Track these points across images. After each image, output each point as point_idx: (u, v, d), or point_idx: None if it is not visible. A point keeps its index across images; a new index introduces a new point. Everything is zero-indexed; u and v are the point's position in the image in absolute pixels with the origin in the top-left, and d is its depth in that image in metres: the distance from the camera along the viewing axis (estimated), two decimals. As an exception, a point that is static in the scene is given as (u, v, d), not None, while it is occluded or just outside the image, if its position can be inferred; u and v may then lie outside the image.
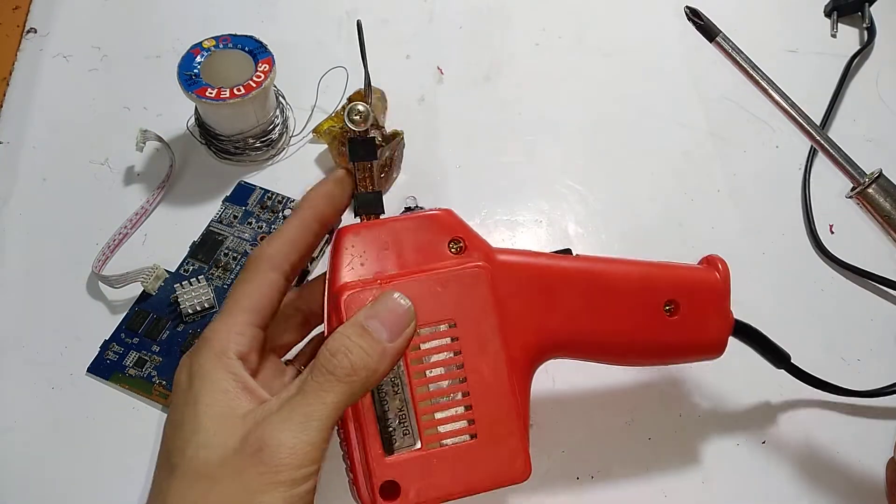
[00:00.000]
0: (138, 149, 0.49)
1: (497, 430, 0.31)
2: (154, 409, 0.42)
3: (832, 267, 0.49)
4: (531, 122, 0.55)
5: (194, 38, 0.49)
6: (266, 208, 0.49)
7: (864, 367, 0.45)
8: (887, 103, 0.57)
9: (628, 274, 0.36)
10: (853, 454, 0.42)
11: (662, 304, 0.36)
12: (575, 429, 0.42)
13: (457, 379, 0.31)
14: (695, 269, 0.38)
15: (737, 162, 0.54)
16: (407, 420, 0.30)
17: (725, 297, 0.37)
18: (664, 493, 0.40)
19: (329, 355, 0.28)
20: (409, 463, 0.30)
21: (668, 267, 0.37)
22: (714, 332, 0.37)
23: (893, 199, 0.33)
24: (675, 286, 0.36)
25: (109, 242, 0.47)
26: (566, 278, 0.35)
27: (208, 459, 0.26)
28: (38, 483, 0.40)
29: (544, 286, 0.34)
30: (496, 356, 0.32)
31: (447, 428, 0.31)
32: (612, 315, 0.35)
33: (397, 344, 0.29)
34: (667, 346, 0.36)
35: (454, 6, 0.62)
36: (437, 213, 0.33)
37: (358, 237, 0.32)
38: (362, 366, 0.28)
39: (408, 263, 0.32)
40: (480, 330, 0.32)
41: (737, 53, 0.35)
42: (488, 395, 0.31)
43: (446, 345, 0.31)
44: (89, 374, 0.43)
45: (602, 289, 0.35)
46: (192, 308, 0.44)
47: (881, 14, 0.61)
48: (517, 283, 0.34)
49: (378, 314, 0.29)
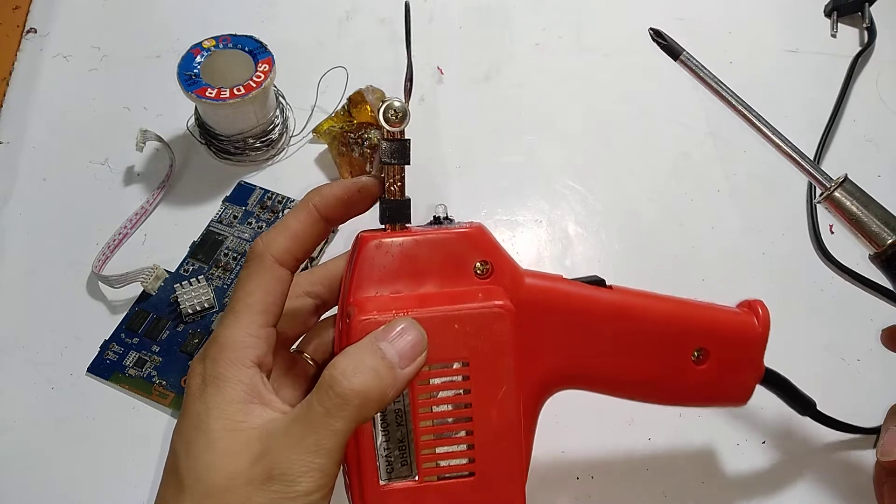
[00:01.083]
0: (138, 149, 0.49)
1: (496, 471, 0.30)
2: (154, 410, 0.42)
3: (832, 267, 0.49)
4: (531, 122, 0.55)
5: (194, 38, 0.49)
6: (266, 208, 0.49)
7: (863, 367, 0.45)
8: (887, 103, 0.57)
9: (660, 314, 0.34)
10: (853, 454, 0.42)
11: (692, 351, 0.34)
12: (575, 429, 0.42)
13: (463, 417, 0.30)
14: (731, 315, 0.35)
15: (737, 162, 0.54)
16: (407, 451, 0.29)
17: (760, 349, 0.35)
18: (664, 493, 0.40)
19: (339, 376, 0.26)
20: (403, 493, 0.29)
21: (703, 309, 0.35)
22: (742, 382, 0.35)
23: (859, 201, 0.34)
24: (709, 333, 0.34)
25: (109, 242, 0.47)
26: (595, 313, 0.33)
27: (217, 482, 0.26)
28: (38, 483, 0.40)
29: (571, 319, 0.32)
30: (506, 399, 0.30)
31: (446, 463, 0.30)
32: (638, 356, 0.33)
33: (408, 371, 0.28)
34: (689, 391, 0.35)
35: (454, 6, 0.62)
36: (468, 231, 0.31)
37: (381, 248, 0.30)
38: (372, 390, 0.27)
39: (430, 282, 0.30)
40: (494, 372, 0.30)
41: (700, 70, 0.36)
42: (492, 437, 0.30)
43: (457, 382, 0.30)
44: (89, 374, 0.43)
45: (631, 328, 0.33)
46: (192, 308, 0.44)
47: (881, 14, 0.61)
48: (542, 314, 0.32)
49: (391, 339, 0.28)
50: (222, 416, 0.26)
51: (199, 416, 0.27)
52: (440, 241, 0.30)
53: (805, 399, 0.38)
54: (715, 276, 0.49)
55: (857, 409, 0.44)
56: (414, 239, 0.30)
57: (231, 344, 0.28)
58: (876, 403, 0.44)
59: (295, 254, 0.30)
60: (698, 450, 0.42)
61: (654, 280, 0.48)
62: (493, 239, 0.31)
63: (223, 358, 0.27)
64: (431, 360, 0.29)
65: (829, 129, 0.55)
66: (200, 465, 0.26)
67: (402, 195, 0.30)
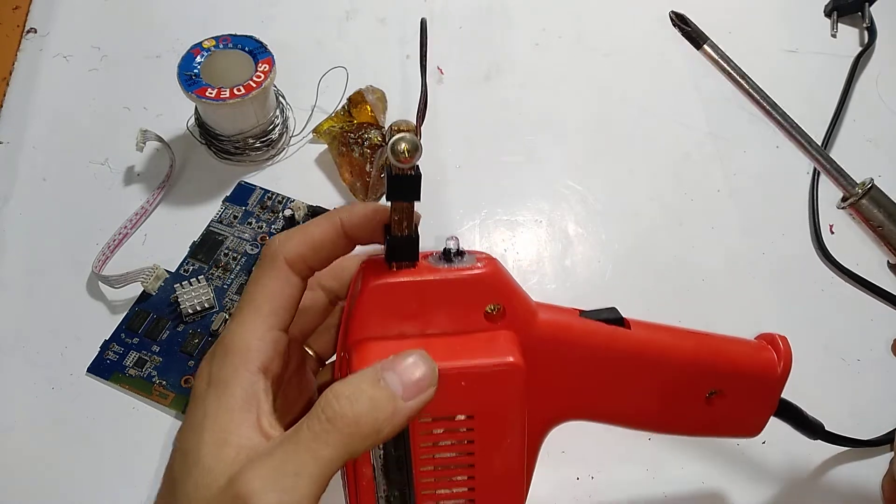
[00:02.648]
0: (138, 149, 0.49)
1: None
2: (154, 410, 0.42)
3: (832, 268, 0.49)
4: (531, 122, 0.55)
5: (194, 38, 0.49)
6: (266, 208, 0.49)
7: (863, 368, 0.45)
8: (887, 103, 0.57)
9: (678, 357, 0.32)
10: (855, 455, 0.42)
11: (706, 392, 0.33)
12: (575, 429, 0.42)
13: (464, 465, 0.29)
14: (752, 354, 0.33)
15: (737, 162, 0.54)
16: (408, 497, 0.29)
17: (779, 388, 0.33)
18: (664, 493, 0.40)
19: (332, 401, 0.24)
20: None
21: (723, 346, 0.33)
22: (754, 417, 0.34)
23: (885, 209, 0.33)
24: (726, 376, 0.33)
25: (109, 242, 0.47)
26: (609, 355, 0.31)
27: (197, 498, 0.24)
28: (38, 483, 0.40)
29: (584, 359, 0.31)
30: (510, 450, 0.29)
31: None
32: (651, 397, 0.33)
33: (411, 405, 0.25)
34: (699, 428, 0.35)
35: (454, 6, 0.62)
36: (480, 274, 0.28)
37: (385, 289, 0.28)
38: (367, 420, 0.24)
39: (437, 324, 0.28)
40: (500, 426, 0.29)
41: (726, 62, 0.34)
42: (494, 485, 0.30)
43: (460, 433, 0.29)
44: (89, 374, 0.43)
45: (646, 371, 0.32)
46: (192, 308, 0.44)
47: (881, 14, 0.61)
48: (555, 351, 0.30)
49: (397, 368, 0.25)
50: (215, 426, 0.25)
51: (196, 423, 0.26)
52: (451, 284, 0.28)
53: (813, 424, 0.37)
54: (715, 277, 0.49)
55: (856, 410, 0.44)
56: (421, 283, 0.28)
57: (235, 347, 0.27)
58: (876, 403, 0.44)
59: (309, 261, 0.28)
60: (698, 450, 0.42)
61: (654, 280, 0.48)
62: (507, 277, 0.29)
63: (227, 361, 0.26)
64: (435, 413, 0.28)
65: (832, 130, 0.55)
66: (189, 482, 0.25)
67: (411, 232, 0.28)
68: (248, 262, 0.47)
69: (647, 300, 0.47)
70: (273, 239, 0.28)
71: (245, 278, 0.46)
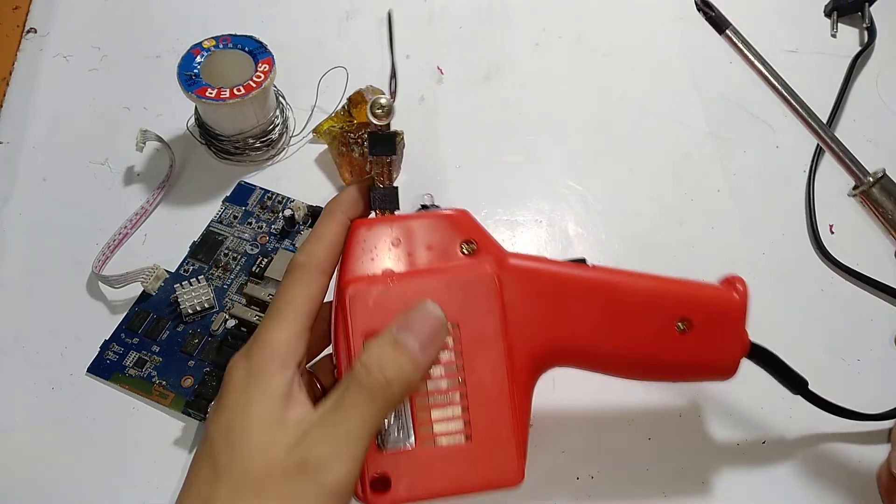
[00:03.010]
0: (138, 149, 0.49)
1: (492, 433, 0.31)
2: (154, 410, 0.42)
3: (832, 268, 0.49)
4: (531, 122, 0.55)
5: (194, 38, 0.49)
6: (266, 208, 0.49)
7: (864, 367, 0.45)
8: (887, 103, 0.57)
9: (642, 287, 0.36)
10: (853, 453, 0.42)
11: (675, 320, 0.35)
12: (575, 429, 0.42)
13: (455, 380, 0.31)
14: (711, 288, 0.37)
15: (737, 162, 0.54)
16: (403, 417, 0.31)
17: (741, 319, 0.36)
18: (664, 493, 0.40)
19: (364, 371, 0.28)
20: (401, 458, 0.30)
21: (684, 283, 0.36)
22: (727, 353, 0.36)
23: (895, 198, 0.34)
24: (690, 303, 0.35)
25: (109, 242, 0.47)
26: (578, 287, 0.34)
27: (254, 471, 0.27)
28: (38, 483, 0.40)
29: (555, 294, 0.34)
30: (497, 362, 0.32)
31: (442, 428, 0.31)
32: (623, 327, 0.35)
33: (430, 354, 0.29)
34: (676, 363, 0.36)
35: (454, 6, 0.62)
36: (452, 214, 0.33)
37: (370, 231, 0.32)
38: (398, 381, 0.28)
39: (418, 261, 0.32)
40: (484, 335, 0.32)
41: (746, 47, 0.35)
42: (486, 399, 0.31)
43: (448, 346, 0.31)
44: (89, 374, 0.43)
45: (614, 300, 0.35)
46: (192, 308, 0.44)
47: (881, 14, 0.61)
48: (527, 289, 0.33)
49: (410, 325, 0.29)
50: (264, 410, 0.28)
51: (240, 407, 0.28)
52: (426, 224, 0.33)
53: (796, 377, 0.39)
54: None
55: (856, 410, 0.44)
56: (401, 223, 0.32)
57: (276, 344, 0.29)
58: (876, 403, 0.44)
59: (332, 260, 0.31)
60: (698, 450, 0.42)
61: (654, 280, 0.48)
62: (477, 222, 0.33)
63: (267, 357, 0.29)
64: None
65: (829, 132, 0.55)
66: (238, 455, 0.27)
67: (391, 183, 0.33)
68: (248, 262, 0.47)
69: (647, 300, 0.47)
70: (298, 253, 0.31)
71: (245, 278, 0.46)
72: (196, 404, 0.41)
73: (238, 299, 0.45)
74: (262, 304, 0.44)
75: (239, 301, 0.45)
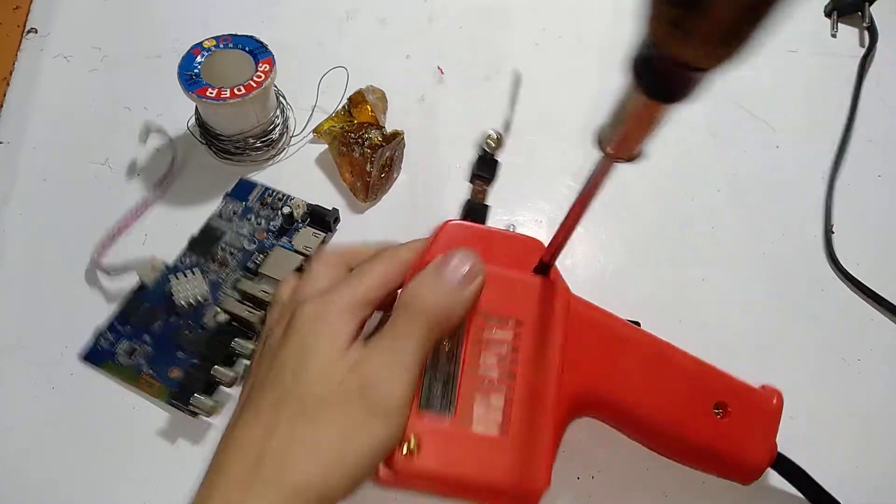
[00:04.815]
0: (141, 140, 0.49)
1: (528, 436, 0.31)
2: (155, 409, 0.42)
3: (832, 268, 0.49)
4: (531, 122, 0.55)
5: (194, 38, 0.49)
6: (266, 205, 0.49)
7: (864, 367, 0.45)
8: (887, 103, 0.57)
9: (690, 362, 0.37)
10: (854, 454, 0.42)
11: (713, 402, 0.36)
12: (575, 429, 0.42)
13: (506, 373, 0.32)
14: (751, 387, 0.38)
15: (737, 162, 0.54)
16: (450, 388, 0.32)
17: (774, 423, 0.37)
18: (664, 493, 0.40)
19: (411, 298, 0.31)
20: (435, 424, 0.31)
21: (727, 374, 0.37)
22: (754, 452, 0.37)
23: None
24: (731, 390, 0.37)
25: (110, 232, 0.47)
26: (630, 342, 0.36)
27: (319, 393, 0.29)
28: (38, 483, 0.40)
29: (609, 342, 0.35)
30: (548, 370, 0.33)
31: (481, 413, 0.32)
32: (664, 394, 0.36)
33: (471, 290, 0.32)
34: (704, 446, 0.36)
35: (454, 6, 0.62)
36: (531, 238, 0.36)
37: (459, 227, 0.35)
38: (442, 307, 0.31)
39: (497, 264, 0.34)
40: (543, 340, 0.33)
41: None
42: (529, 402, 0.32)
43: (508, 339, 0.33)
44: (81, 360, 0.43)
45: (661, 367, 0.36)
46: (185, 301, 0.44)
47: (881, 14, 0.61)
48: (584, 329, 0.35)
49: (450, 264, 0.32)
50: (329, 345, 0.30)
51: (308, 341, 0.31)
52: (508, 239, 0.35)
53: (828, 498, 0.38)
54: (715, 277, 0.49)
55: (856, 410, 0.44)
56: (488, 231, 0.35)
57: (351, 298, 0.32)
58: (876, 404, 0.44)
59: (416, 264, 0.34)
60: (698, 450, 0.42)
61: (654, 280, 0.48)
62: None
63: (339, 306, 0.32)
64: (490, 312, 0.33)
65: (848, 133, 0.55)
66: (304, 381, 0.30)
67: (483, 200, 0.39)
68: (245, 258, 0.47)
69: (647, 300, 0.47)
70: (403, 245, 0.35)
71: (241, 274, 0.46)
72: (180, 396, 0.41)
73: (232, 294, 0.45)
74: (255, 299, 0.44)
75: (232, 296, 0.45)
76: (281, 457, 0.28)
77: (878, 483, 0.41)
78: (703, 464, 0.38)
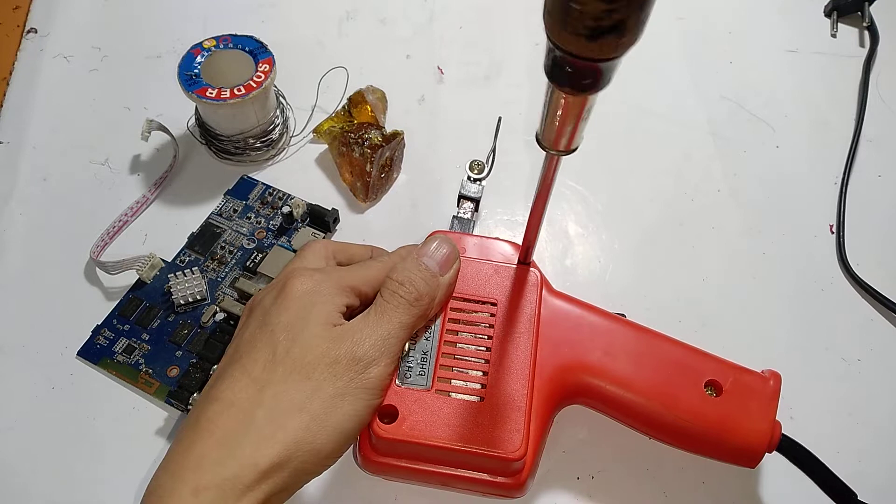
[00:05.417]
0: (143, 138, 0.49)
1: (504, 404, 0.34)
2: (154, 408, 0.42)
3: (832, 268, 0.49)
4: (531, 122, 0.55)
5: (194, 38, 0.49)
6: (266, 204, 0.49)
7: (864, 367, 0.45)
8: (887, 103, 0.57)
9: (676, 345, 0.37)
10: (854, 454, 0.42)
11: (704, 381, 0.36)
12: (575, 429, 0.42)
13: (482, 348, 0.36)
14: (745, 368, 0.38)
15: (737, 162, 0.54)
16: (427, 364, 0.35)
17: (771, 402, 0.36)
18: (664, 492, 0.40)
19: (398, 284, 0.35)
20: (413, 397, 0.34)
21: (718, 357, 0.38)
22: (753, 433, 0.35)
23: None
24: (721, 369, 0.37)
25: (109, 229, 0.47)
26: (614, 326, 0.37)
27: (309, 357, 0.32)
28: (39, 483, 0.40)
29: (590, 325, 0.37)
30: (524, 346, 0.36)
31: (460, 384, 0.35)
32: (652, 375, 0.36)
33: (448, 276, 0.37)
34: (700, 426, 0.36)
35: (454, 6, 0.62)
36: (512, 241, 0.40)
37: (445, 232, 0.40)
38: (425, 292, 0.35)
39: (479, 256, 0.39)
40: (517, 319, 0.37)
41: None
42: (505, 374, 0.35)
43: (484, 317, 0.37)
44: (79, 357, 0.43)
45: (647, 350, 0.37)
46: (183, 299, 0.44)
47: (881, 14, 0.61)
48: (560, 311, 0.38)
49: (428, 252, 0.37)
50: (323, 314, 0.33)
51: (304, 309, 0.33)
52: (490, 242, 0.40)
53: (841, 487, 0.36)
54: (715, 277, 0.49)
55: (856, 410, 0.44)
56: (473, 237, 0.40)
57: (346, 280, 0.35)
58: (876, 404, 0.44)
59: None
60: (698, 450, 0.42)
61: (654, 280, 0.48)
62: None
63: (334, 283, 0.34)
64: (468, 294, 0.37)
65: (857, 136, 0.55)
66: (298, 345, 0.32)
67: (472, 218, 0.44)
68: (244, 256, 0.47)
69: (647, 300, 0.47)
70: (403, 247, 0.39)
71: (239, 272, 0.46)
72: (178, 395, 0.41)
73: (230, 293, 0.45)
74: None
75: (230, 295, 0.45)
76: (273, 413, 0.30)
77: (879, 483, 0.41)
78: (703, 447, 0.37)
